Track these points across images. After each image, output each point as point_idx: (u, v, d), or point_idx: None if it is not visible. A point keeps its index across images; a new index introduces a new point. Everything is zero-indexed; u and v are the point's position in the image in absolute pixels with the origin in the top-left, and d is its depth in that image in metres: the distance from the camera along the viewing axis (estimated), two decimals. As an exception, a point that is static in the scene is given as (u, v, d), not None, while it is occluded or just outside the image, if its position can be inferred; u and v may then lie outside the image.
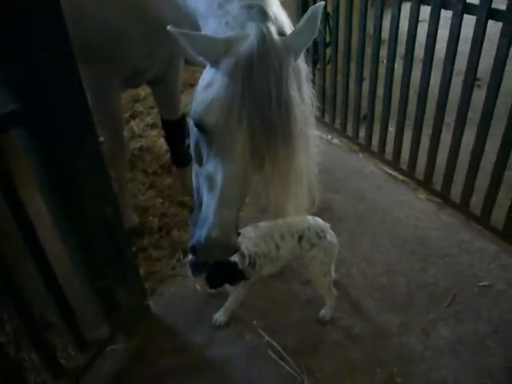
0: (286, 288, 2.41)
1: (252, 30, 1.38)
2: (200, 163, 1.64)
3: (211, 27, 1.55)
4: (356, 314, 2.30)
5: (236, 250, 1.70)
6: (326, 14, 3.69)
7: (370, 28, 3.09)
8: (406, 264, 2.55)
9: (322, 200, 1.89)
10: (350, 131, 3.64)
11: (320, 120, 3.61)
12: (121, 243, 2.01)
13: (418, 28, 2.75)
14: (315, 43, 3.73)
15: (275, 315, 2.30)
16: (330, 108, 3.74)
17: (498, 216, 2.65)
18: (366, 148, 3.51)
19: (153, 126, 3.93)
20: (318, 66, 3.82)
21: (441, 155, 2.91)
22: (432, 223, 2.83)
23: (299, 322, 2.27)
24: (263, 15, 1.41)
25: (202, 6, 1.60)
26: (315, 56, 3.83)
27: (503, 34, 2.28)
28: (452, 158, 2.82)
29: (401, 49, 2.89)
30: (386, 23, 2.90)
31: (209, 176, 1.57)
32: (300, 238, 2.09)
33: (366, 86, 3.31)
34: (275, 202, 1.65)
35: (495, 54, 2.33)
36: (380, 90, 3.18)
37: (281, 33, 1.44)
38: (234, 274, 1.95)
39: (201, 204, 1.68)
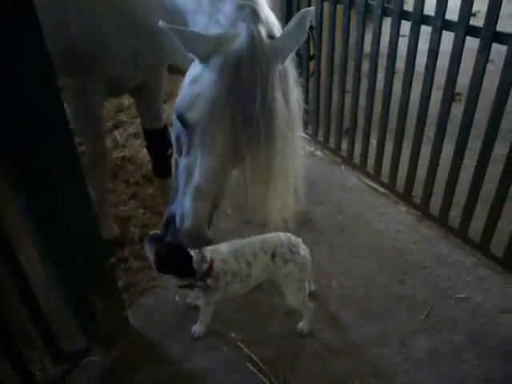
0: (266, 300, 2.40)
1: (243, 31, 1.40)
2: (180, 154, 1.67)
3: (201, 24, 1.57)
4: (335, 326, 2.31)
5: (208, 242, 1.73)
6: (309, 28, 3.73)
7: (353, 41, 3.14)
8: (385, 276, 2.57)
9: (303, 212, 1.89)
10: (332, 143, 3.67)
11: (303, 132, 3.64)
12: (99, 254, 1.99)
13: (400, 41, 2.80)
14: (299, 56, 3.76)
15: (254, 327, 2.30)
16: (313, 120, 3.77)
17: (476, 229, 2.69)
18: (348, 160, 3.54)
19: (136, 135, 3.90)
20: (300, 79, 3.85)
21: (421, 168, 2.95)
22: (411, 236, 2.86)
23: (278, 335, 2.27)
24: (255, 16, 1.43)
25: (190, 4, 1.62)
26: (298, 69, 3.86)
27: (480, 50, 2.33)
28: (431, 171, 2.86)
29: (383, 61, 2.94)
30: (369, 37, 2.94)
31: (187, 168, 1.60)
32: (273, 255, 2.08)
33: (348, 98, 3.35)
34: (254, 200, 1.67)
35: (473, 69, 2.38)
36: (362, 103, 3.22)
37: (270, 35, 1.46)
38: (183, 266, 1.92)
39: (177, 190, 1.72)
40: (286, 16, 3.50)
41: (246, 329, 2.28)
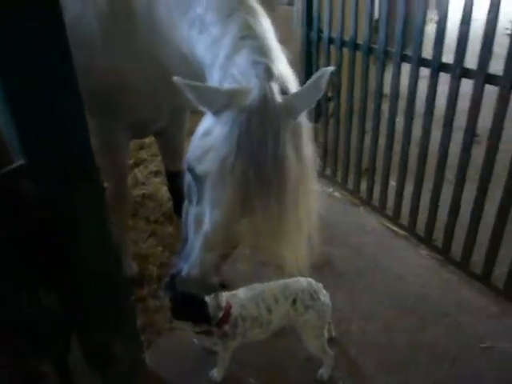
0: (285, 345, 2.35)
1: (255, 87, 1.42)
2: (190, 202, 1.68)
3: (216, 77, 1.61)
4: (355, 374, 2.25)
5: (213, 289, 1.78)
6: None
7: (373, 84, 3.19)
8: (406, 322, 2.51)
9: (322, 255, 1.88)
10: (351, 184, 3.68)
11: (321, 173, 3.66)
12: (120, 294, 2.00)
13: (419, 83, 2.83)
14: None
15: (273, 373, 2.25)
16: (332, 161, 3.80)
17: (500, 274, 2.64)
18: (367, 202, 3.54)
19: (156, 173, 3.97)
20: (320, 120, 3.90)
21: (442, 211, 2.92)
22: (432, 281, 2.81)
23: (298, 381, 2.22)
24: (268, 73, 1.46)
25: (208, 56, 1.66)
26: (318, 109, 3.92)
27: (500, 97, 2.36)
28: (452, 214, 2.83)
29: (402, 103, 2.95)
30: (388, 77, 2.98)
31: (196, 218, 1.63)
32: (294, 301, 2.06)
33: (367, 140, 3.37)
34: (265, 250, 1.68)
35: (493, 116, 2.40)
36: (382, 144, 3.24)
37: (284, 91, 1.48)
38: (199, 312, 1.91)
39: (187, 239, 1.73)
40: (305, 67, 3.59)
41: (264, 374, 2.24)
